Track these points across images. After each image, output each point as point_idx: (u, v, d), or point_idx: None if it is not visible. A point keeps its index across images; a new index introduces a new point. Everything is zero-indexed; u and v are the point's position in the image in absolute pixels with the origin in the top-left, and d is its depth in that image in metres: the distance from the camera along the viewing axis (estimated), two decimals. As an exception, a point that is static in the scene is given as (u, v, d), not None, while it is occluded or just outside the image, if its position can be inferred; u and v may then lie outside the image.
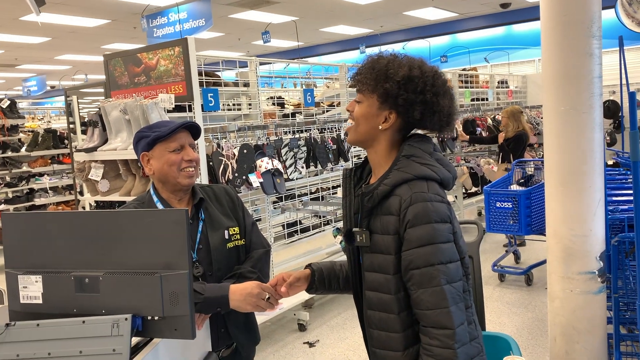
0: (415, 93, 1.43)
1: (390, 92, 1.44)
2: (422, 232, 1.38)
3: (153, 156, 1.79)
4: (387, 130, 1.49)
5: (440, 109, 1.46)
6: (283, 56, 14.92)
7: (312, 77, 5.67)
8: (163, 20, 8.67)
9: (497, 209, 4.62)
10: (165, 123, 1.83)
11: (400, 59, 1.48)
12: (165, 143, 1.77)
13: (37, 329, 1.28)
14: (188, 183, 1.80)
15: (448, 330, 1.37)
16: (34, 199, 7.44)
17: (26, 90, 15.57)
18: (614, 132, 8.15)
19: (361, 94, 1.50)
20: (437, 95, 1.45)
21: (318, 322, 4.37)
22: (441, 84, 1.47)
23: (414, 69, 1.44)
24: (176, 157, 1.77)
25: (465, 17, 12.25)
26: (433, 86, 1.44)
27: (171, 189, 1.81)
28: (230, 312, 1.76)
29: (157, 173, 1.79)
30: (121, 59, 3.74)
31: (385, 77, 1.45)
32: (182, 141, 1.79)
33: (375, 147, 1.52)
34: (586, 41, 2.51)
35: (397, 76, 1.43)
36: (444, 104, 1.46)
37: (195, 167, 1.81)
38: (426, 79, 1.44)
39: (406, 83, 1.43)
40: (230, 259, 1.84)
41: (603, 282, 2.70)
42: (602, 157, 2.66)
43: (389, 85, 1.44)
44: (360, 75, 1.50)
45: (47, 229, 1.38)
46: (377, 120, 1.48)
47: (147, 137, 1.78)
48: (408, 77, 1.43)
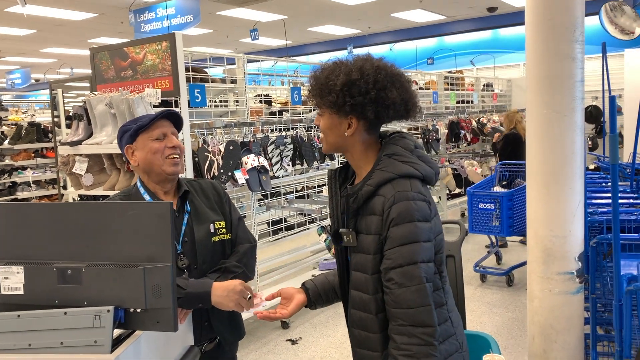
0: (360, 95, 1.43)
1: (336, 102, 1.45)
2: (405, 231, 1.39)
3: (137, 147, 1.79)
4: (354, 135, 1.50)
5: (392, 101, 1.45)
6: (271, 54, 14.89)
7: (300, 75, 5.68)
8: (151, 16, 8.61)
9: (480, 210, 4.68)
10: (146, 115, 1.83)
11: (342, 65, 1.48)
12: (147, 132, 1.77)
13: (17, 320, 1.28)
14: (173, 171, 1.80)
15: (429, 328, 1.38)
16: (17, 192, 7.35)
17: (10, 83, 15.37)
18: (596, 137, 8.27)
19: (319, 108, 1.52)
20: (383, 89, 1.44)
21: (301, 320, 4.38)
22: (384, 77, 1.45)
23: (352, 73, 1.44)
24: (159, 144, 1.77)
25: (453, 20, 12.34)
26: (376, 82, 1.43)
27: (156, 179, 1.81)
28: (214, 307, 1.77)
29: (142, 163, 1.79)
30: (108, 53, 3.72)
31: (327, 89, 1.46)
32: (164, 129, 1.79)
33: (351, 151, 1.53)
34: (569, 45, 2.56)
35: (337, 86, 1.43)
36: (394, 95, 1.44)
37: (179, 155, 1.81)
38: (367, 78, 1.43)
39: (348, 89, 1.43)
40: (215, 253, 1.85)
41: (581, 283, 2.75)
42: (583, 159, 2.71)
43: (332, 96, 1.45)
44: (309, 91, 1.53)
45: (29, 219, 1.38)
46: (341, 128, 1.49)
47: (129, 129, 1.79)
48: (348, 82, 1.43)
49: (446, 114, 7.02)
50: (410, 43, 12.92)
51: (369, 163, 1.51)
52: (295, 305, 1.67)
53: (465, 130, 7.01)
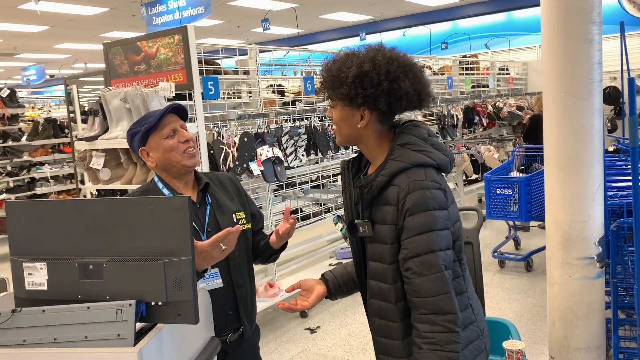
0: (372, 87, 1.42)
1: (348, 94, 1.44)
2: (422, 220, 1.39)
3: (151, 148, 1.80)
4: (367, 127, 1.49)
5: (405, 92, 1.43)
6: (283, 43, 14.85)
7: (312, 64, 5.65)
8: (162, 8, 8.63)
9: (497, 195, 4.64)
10: (150, 114, 1.83)
11: (354, 56, 1.46)
12: (157, 132, 1.78)
13: (42, 315, 1.30)
14: (192, 163, 1.82)
15: (451, 315, 1.38)
16: (35, 188, 7.46)
17: (25, 80, 15.55)
18: (615, 119, 8.13)
19: (331, 100, 1.52)
20: (395, 80, 1.42)
21: (319, 309, 4.41)
22: (397, 67, 1.43)
23: (364, 65, 1.42)
24: (172, 141, 1.78)
25: (466, 3, 12.18)
26: (388, 73, 1.42)
27: (176, 174, 1.83)
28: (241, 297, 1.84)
29: (160, 162, 1.81)
30: (121, 48, 3.74)
31: (339, 81, 1.45)
32: (173, 125, 1.80)
33: (365, 143, 1.53)
34: (586, 27, 2.51)
35: (349, 78, 1.43)
36: (406, 86, 1.43)
37: (194, 147, 1.83)
38: (379, 70, 1.42)
39: (361, 81, 1.42)
40: (240, 242, 1.87)
41: (602, 267, 2.72)
42: (602, 143, 2.67)
43: (344, 88, 1.44)
44: (321, 84, 1.52)
45: (51, 216, 1.40)
46: (354, 120, 1.48)
47: (138, 132, 1.80)
48: (360, 74, 1.42)
49: (461, 99, 6.95)
50: (424, 28, 12.78)
51: (383, 153, 1.50)
52: (315, 296, 1.68)
53: (481, 115, 6.93)
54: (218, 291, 1.81)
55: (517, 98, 8.00)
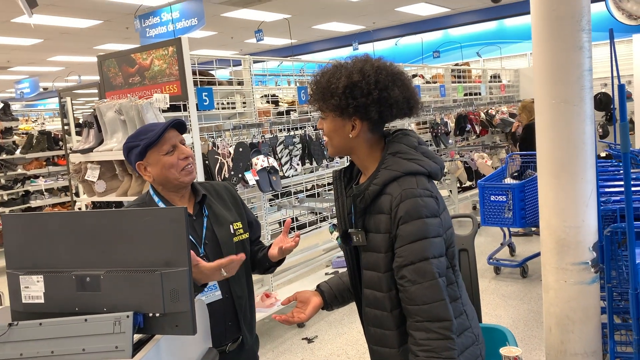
0: (363, 97, 1.44)
1: (339, 105, 1.46)
2: (415, 228, 1.40)
3: (149, 163, 1.79)
4: (358, 136, 1.51)
5: (395, 100, 1.46)
6: (276, 54, 14.91)
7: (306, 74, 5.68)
8: (156, 20, 8.66)
9: (492, 202, 4.66)
10: (150, 128, 1.82)
11: (342, 67, 1.49)
12: (156, 148, 1.77)
13: (39, 328, 1.30)
14: (190, 179, 1.82)
15: (446, 322, 1.39)
16: (30, 201, 7.43)
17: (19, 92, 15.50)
18: (607, 125, 8.20)
19: (322, 112, 1.53)
20: (385, 89, 1.45)
21: (316, 318, 4.40)
22: (386, 76, 1.46)
23: (353, 75, 1.44)
24: (172, 158, 1.77)
25: (457, 12, 12.28)
26: (377, 82, 1.44)
27: (172, 189, 1.83)
28: (241, 307, 1.85)
29: (157, 178, 1.80)
30: (115, 60, 3.75)
31: (329, 92, 1.46)
32: (172, 141, 1.79)
33: (356, 152, 1.54)
34: (576, 35, 2.54)
35: (339, 89, 1.44)
36: (396, 94, 1.46)
37: (192, 163, 1.83)
38: (368, 79, 1.44)
39: (351, 91, 1.44)
40: (238, 253, 1.87)
41: (596, 272, 2.73)
42: (594, 149, 2.70)
43: (335, 100, 1.46)
44: (311, 96, 1.53)
45: (47, 229, 1.40)
46: (345, 130, 1.50)
47: (137, 146, 1.78)
48: (350, 85, 1.44)
49: (454, 107, 7.00)
50: (416, 37, 12.88)
51: (374, 162, 1.52)
52: (312, 308, 1.69)
53: (474, 123, 6.98)
54: (217, 302, 1.81)
55: (509, 105, 8.06)
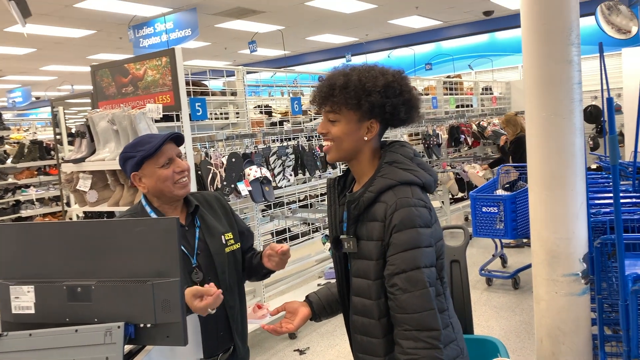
0: (396, 96, 1.48)
1: (376, 103, 1.47)
2: (408, 237, 1.41)
3: (144, 175, 1.80)
4: (370, 140, 1.53)
5: (415, 103, 1.53)
6: (270, 65, 14.97)
7: (299, 85, 5.71)
8: (149, 31, 8.68)
9: (483, 213, 4.68)
10: (148, 139, 1.82)
11: (364, 68, 1.51)
12: (153, 160, 1.77)
13: (29, 339, 1.29)
14: (184, 193, 1.83)
15: (434, 331, 1.40)
16: (20, 210, 7.38)
17: (11, 102, 15.45)
18: (597, 137, 8.28)
19: (336, 114, 1.50)
20: (410, 91, 1.52)
21: (308, 330, 4.38)
22: (408, 82, 1.54)
23: (387, 75, 1.49)
24: (167, 171, 1.78)
25: (449, 25, 12.41)
26: (407, 85, 1.51)
27: (166, 201, 1.83)
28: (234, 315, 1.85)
29: (152, 189, 1.81)
30: (108, 70, 3.75)
31: (366, 91, 1.46)
32: (169, 154, 1.79)
33: (359, 158, 1.55)
34: (565, 49, 2.58)
35: (378, 87, 1.46)
36: (414, 97, 1.53)
37: (187, 176, 1.84)
38: (400, 81, 1.50)
39: (386, 90, 1.47)
40: (229, 263, 1.88)
41: (587, 284, 2.75)
42: (584, 161, 2.72)
43: (373, 97, 1.46)
44: (336, 96, 1.48)
45: (38, 239, 1.40)
46: (360, 133, 1.51)
47: (133, 157, 1.78)
48: (387, 84, 1.47)
49: (446, 119, 7.05)
50: (408, 49, 12.98)
51: (371, 169, 1.54)
52: (300, 319, 1.69)
53: (465, 135, 7.02)
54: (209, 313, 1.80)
55: (501, 117, 8.12)
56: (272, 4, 9.16)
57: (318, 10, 9.88)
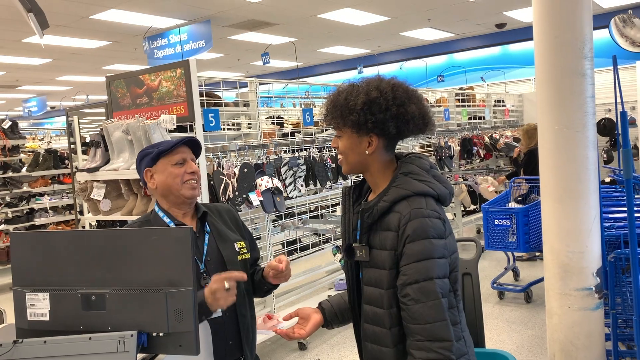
0: (381, 112, 1.48)
1: (358, 121, 1.50)
2: (421, 247, 1.42)
3: (156, 171, 1.85)
4: (374, 153, 1.55)
5: (412, 116, 1.51)
6: (282, 76, 15.06)
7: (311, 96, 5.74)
8: (164, 42, 8.79)
9: (496, 226, 4.65)
10: (167, 141, 1.90)
11: (357, 86, 1.53)
12: (168, 157, 1.84)
13: (44, 346, 1.31)
14: (191, 195, 1.85)
15: (447, 342, 1.40)
16: (34, 218, 7.45)
17: (27, 111, 15.68)
18: (611, 150, 8.21)
19: (339, 129, 1.57)
20: (402, 105, 1.49)
21: (318, 341, 4.37)
22: (402, 93, 1.51)
23: (371, 92, 1.49)
24: (179, 170, 1.83)
25: (462, 37, 12.42)
26: (395, 98, 1.49)
27: (174, 202, 1.86)
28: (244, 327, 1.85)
29: (161, 187, 1.84)
30: (123, 81, 3.81)
31: (348, 109, 1.50)
32: (184, 155, 1.85)
33: (370, 170, 1.58)
34: (579, 62, 2.58)
35: (358, 105, 1.49)
36: (412, 109, 1.51)
37: (197, 180, 1.87)
38: (386, 95, 1.49)
39: (369, 107, 1.48)
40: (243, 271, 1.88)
41: (600, 299, 2.72)
42: (597, 174, 2.71)
43: (354, 116, 1.50)
44: (327, 115, 1.57)
45: (54, 247, 1.42)
46: (362, 147, 1.54)
47: (150, 153, 1.85)
48: (368, 101, 1.48)
49: (458, 131, 7.03)
50: (420, 61, 13.00)
51: (385, 181, 1.56)
52: (312, 325, 1.69)
53: (478, 147, 7.00)
54: (219, 321, 1.81)
55: (513, 130, 8.09)
56: (284, 16, 9.24)
57: (330, 22, 9.95)
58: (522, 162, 6.20)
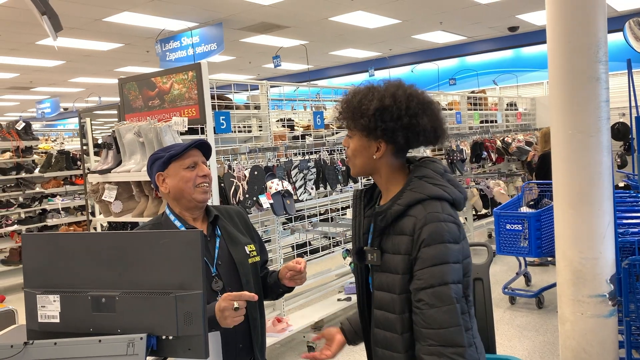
0: (392, 121, 1.46)
1: (368, 126, 1.48)
2: (436, 252, 1.41)
3: (168, 175, 1.85)
4: (382, 158, 1.53)
5: (423, 128, 1.48)
6: (293, 79, 15.08)
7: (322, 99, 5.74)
8: (176, 45, 8.84)
9: (507, 231, 4.62)
10: (177, 144, 1.90)
11: (375, 90, 1.51)
12: (179, 161, 1.84)
13: (54, 348, 1.31)
14: (203, 199, 1.85)
15: (460, 347, 1.38)
16: (47, 219, 7.51)
17: (40, 112, 15.83)
18: (625, 154, 8.12)
19: (350, 130, 1.55)
20: (415, 116, 1.47)
21: (327, 345, 4.35)
22: (417, 104, 1.48)
23: (385, 99, 1.47)
24: (190, 173, 1.83)
25: (474, 40, 12.36)
26: (408, 109, 1.46)
27: (186, 205, 1.86)
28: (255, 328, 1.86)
29: (173, 191, 1.84)
30: (136, 83, 3.83)
31: (359, 113, 1.49)
32: (195, 158, 1.85)
33: (378, 173, 1.56)
34: (593, 66, 2.55)
35: (370, 110, 1.47)
36: (424, 122, 1.48)
37: (209, 184, 1.88)
38: (400, 105, 1.46)
39: (381, 114, 1.46)
40: (253, 274, 1.90)
41: (614, 306, 2.69)
42: (611, 180, 2.67)
43: (364, 120, 1.48)
44: (340, 114, 1.56)
45: (65, 249, 1.42)
46: (370, 151, 1.53)
47: (161, 157, 1.85)
48: (381, 108, 1.46)
49: (470, 134, 7.00)
50: (432, 64, 12.96)
51: (397, 185, 1.54)
52: (336, 345, 1.75)
53: (490, 150, 6.96)
54: None
55: (525, 133, 8.04)
56: (296, 19, 9.25)
57: (342, 25, 9.95)
58: (535, 166, 6.16)
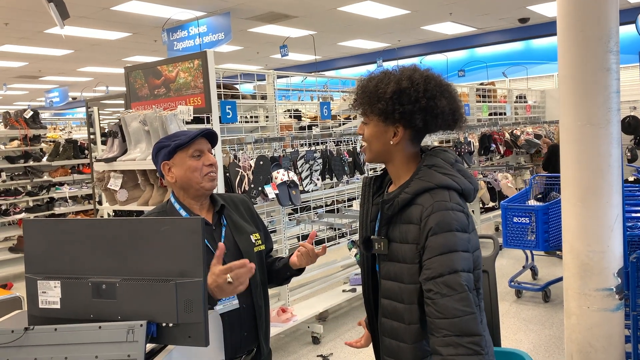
0: (410, 103, 1.44)
1: (385, 110, 1.46)
2: (444, 240, 1.38)
3: (174, 164, 1.83)
4: (399, 144, 1.51)
5: (441, 111, 1.46)
6: (300, 69, 15.03)
7: (329, 90, 5.71)
8: (183, 34, 8.82)
9: (514, 224, 4.58)
10: (183, 132, 1.87)
11: (390, 74, 1.49)
12: (185, 150, 1.82)
13: (54, 334, 1.30)
14: (211, 186, 1.84)
15: (476, 336, 1.34)
16: (54, 207, 7.55)
17: (49, 101, 15.90)
18: (635, 149, 8.04)
19: (366, 116, 1.53)
20: (432, 98, 1.45)
21: (332, 335, 4.36)
22: (434, 86, 1.47)
23: (402, 82, 1.45)
24: (197, 162, 1.81)
25: (483, 31, 12.24)
26: (426, 91, 1.45)
27: (193, 194, 1.85)
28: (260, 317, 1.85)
29: (179, 180, 1.83)
30: (142, 71, 3.82)
31: (376, 97, 1.47)
32: (201, 147, 1.84)
33: (393, 160, 1.54)
34: (604, 57, 2.50)
35: (387, 93, 1.45)
36: (442, 104, 1.46)
37: (215, 171, 1.86)
38: (417, 87, 1.44)
39: (398, 97, 1.44)
40: (258, 263, 1.89)
41: (621, 300, 2.66)
42: (620, 172, 2.63)
43: (381, 104, 1.46)
44: (356, 100, 1.54)
45: (66, 235, 1.41)
46: (387, 136, 1.50)
47: (167, 146, 1.83)
48: (398, 91, 1.44)
49: (478, 126, 6.95)
50: (441, 55, 12.86)
51: (408, 173, 1.52)
52: (366, 336, 1.76)
53: (498, 143, 6.90)
54: (234, 312, 1.81)
55: (534, 126, 7.97)
56: (304, 9, 9.20)
57: (350, 15, 9.88)
58: (543, 159, 6.11)
